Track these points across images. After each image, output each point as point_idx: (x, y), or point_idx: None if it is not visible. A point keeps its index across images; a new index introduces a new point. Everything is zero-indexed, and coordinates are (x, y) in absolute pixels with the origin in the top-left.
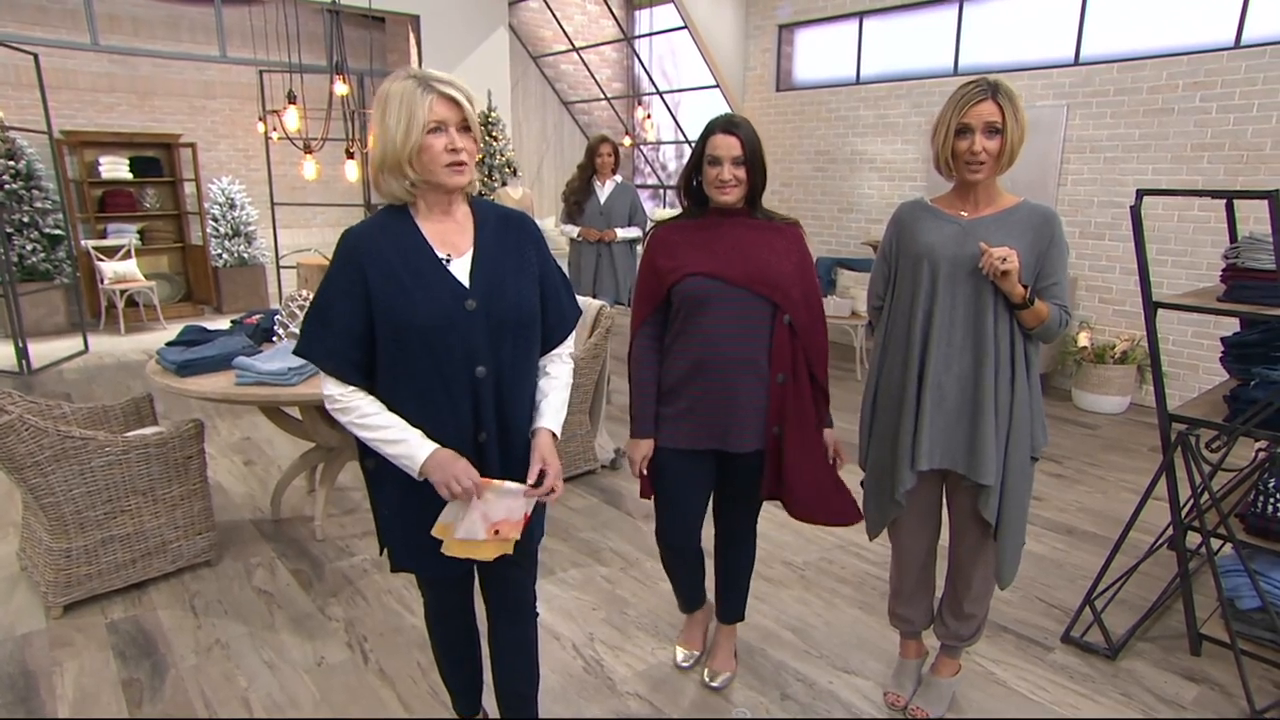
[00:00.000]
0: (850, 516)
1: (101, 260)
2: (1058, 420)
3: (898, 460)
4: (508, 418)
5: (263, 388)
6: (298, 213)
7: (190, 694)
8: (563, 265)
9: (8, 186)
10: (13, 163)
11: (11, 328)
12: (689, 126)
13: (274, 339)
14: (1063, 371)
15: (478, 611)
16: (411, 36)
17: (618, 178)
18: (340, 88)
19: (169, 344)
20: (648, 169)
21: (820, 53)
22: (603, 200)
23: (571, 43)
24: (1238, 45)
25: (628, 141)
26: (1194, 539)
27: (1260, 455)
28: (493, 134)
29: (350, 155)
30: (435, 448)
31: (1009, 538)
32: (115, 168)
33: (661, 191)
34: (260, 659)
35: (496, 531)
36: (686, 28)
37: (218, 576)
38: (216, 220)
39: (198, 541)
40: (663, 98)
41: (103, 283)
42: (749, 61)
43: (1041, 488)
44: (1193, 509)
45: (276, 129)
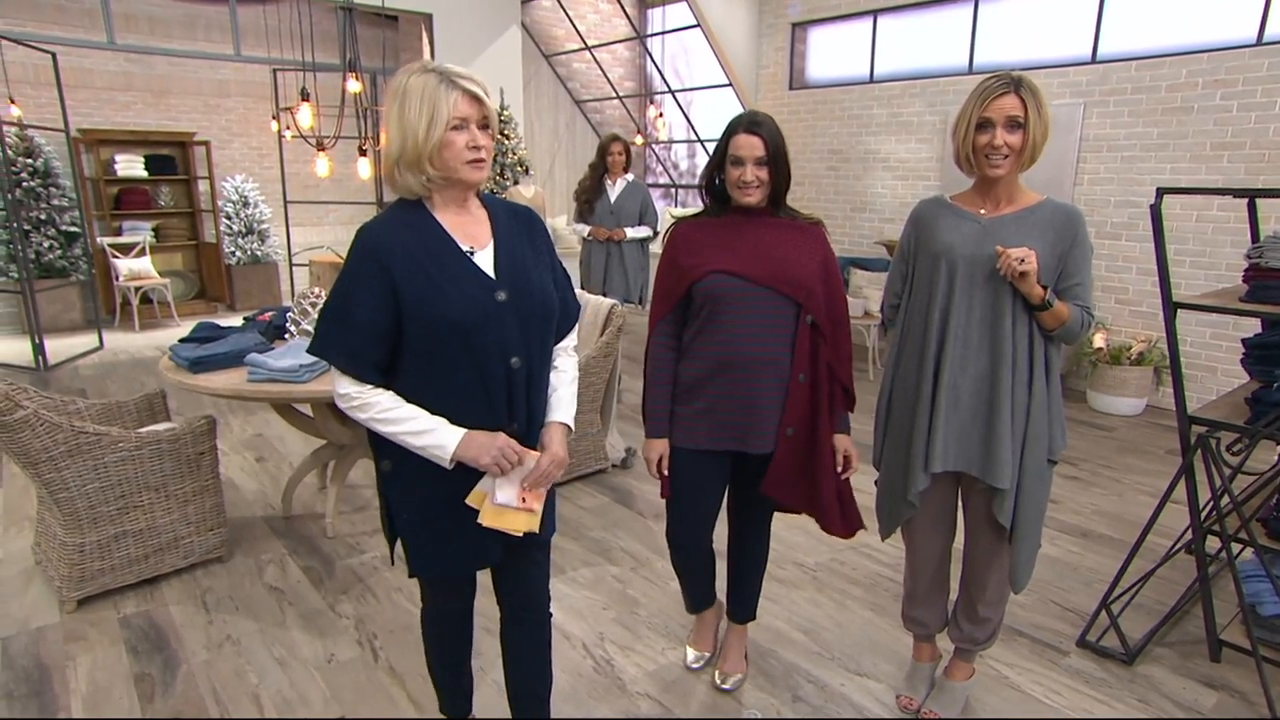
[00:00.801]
0: (837, 528)
1: (117, 257)
2: (1072, 422)
3: (911, 461)
4: (535, 407)
5: (274, 384)
6: (311, 210)
7: (201, 690)
8: (574, 264)
9: (26, 184)
10: (31, 160)
11: (28, 324)
12: (701, 125)
13: (286, 336)
14: (1078, 372)
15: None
16: (424, 35)
17: (629, 176)
18: (353, 85)
19: (182, 340)
20: (660, 168)
21: (834, 51)
22: (614, 199)
23: (584, 41)
24: (1260, 42)
25: (640, 140)
26: (1214, 543)
27: None
28: (505, 132)
29: (363, 153)
30: (465, 431)
31: (1024, 541)
32: (131, 166)
33: (674, 191)
34: (271, 655)
35: (523, 500)
36: (699, 26)
37: (229, 573)
38: (230, 218)
39: (209, 537)
40: (675, 97)
41: (118, 280)
42: (762, 60)
43: (1056, 490)
44: (1212, 512)
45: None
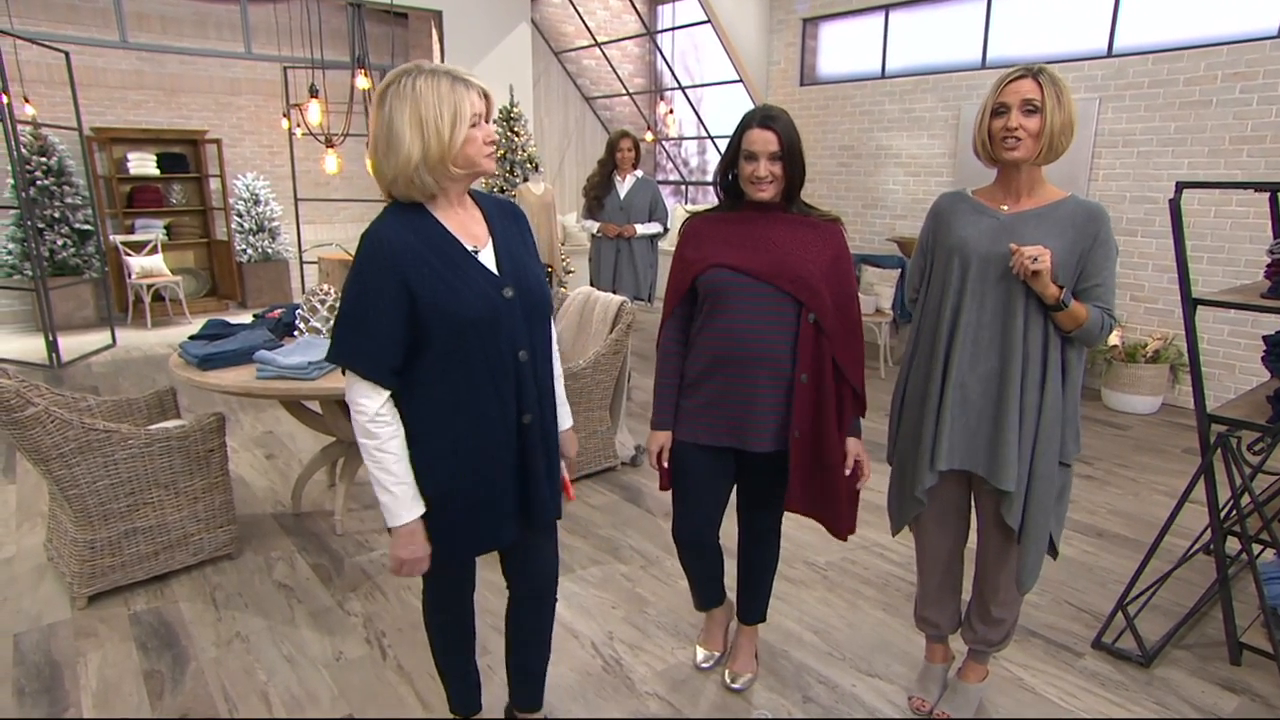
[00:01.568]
0: (837, 530)
1: (129, 255)
2: (1086, 420)
3: (919, 458)
4: (544, 398)
5: (283, 381)
6: (321, 208)
7: (210, 686)
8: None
9: (40, 183)
10: (45, 159)
11: (42, 322)
12: (712, 122)
13: (295, 333)
14: (1092, 371)
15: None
16: (434, 32)
17: (638, 173)
18: (361, 82)
19: (191, 338)
20: (670, 165)
21: (845, 46)
22: (623, 195)
23: (594, 38)
24: None
25: (649, 137)
26: (1233, 544)
27: None
28: (515, 129)
29: None
30: (417, 519)
31: (1032, 543)
32: (143, 164)
33: (684, 187)
34: (280, 653)
35: None
36: (709, 22)
37: (238, 570)
38: (241, 216)
39: (219, 535)
40: (685, 93)
41: (130, 277)
42: (772, 55)
43: (1071, 490)
44: (1232, 512)
45: (300, 125)
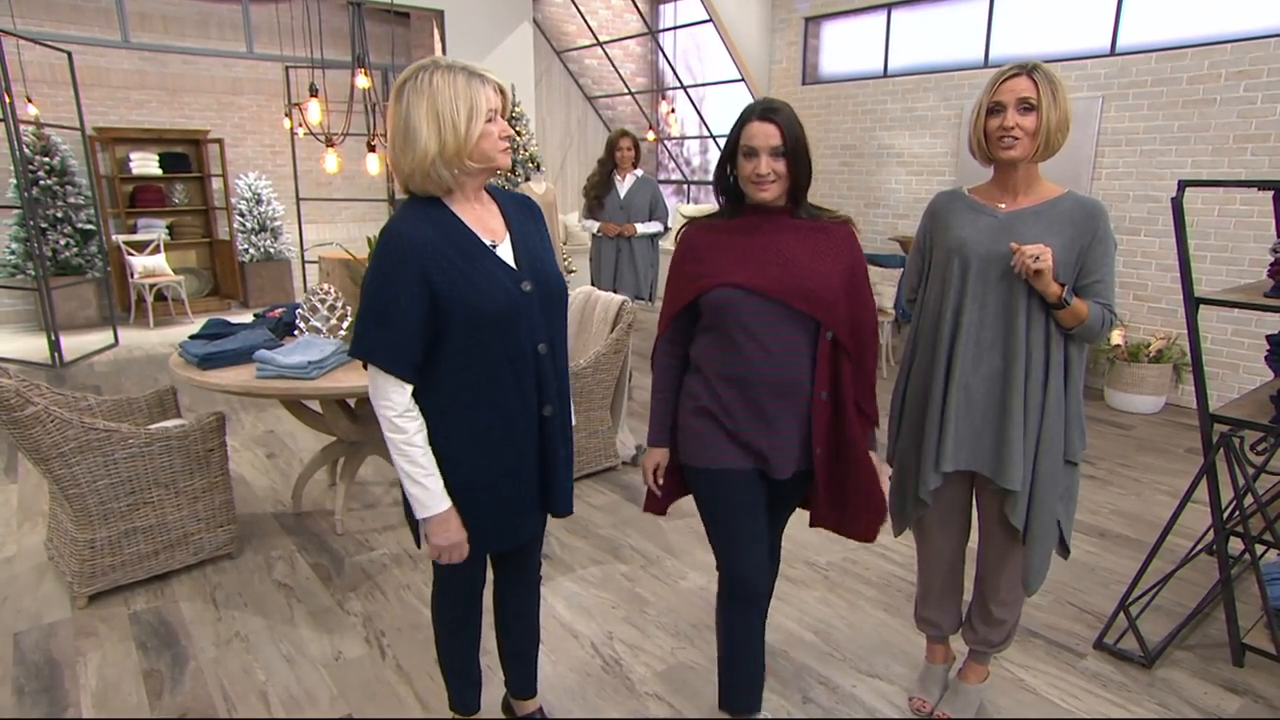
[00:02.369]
0: (863, 534)
1: (131, 255)
2: (1089, 420)
3: (923, 459)
4: (563, 391)
5: (282, 381)
6: (323, 208)
7: (209, 686)
8: (584, 261)
9: (43, 182)
10: (47, 159)
11: (44, 321)
12: (714, 121)
13: (295, 333)
14: (1095, 370)
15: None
16: (436, 31)
17: (638, 172)
18: (361, 81)
19: (192, 337)
20: (672, 164)
21: (847, 45)
22: (623, 195)
23: (596, 37)
24: None
25: (651, 136)
26: (1236, 545)
27: None
28: (517, 129)
29: (372, 149)
30: (449, 507)
31: (1038, 543)
32: (145, 163)
33: (686, 187)
34: (279, 652)
35: None
36: (711, 21)
37: (238, 569)
38: (243, 215)
39: (219, 534)
40: (687, 92)
41: (133, 277)
42: (774, 55)
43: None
44: (1235, 513)
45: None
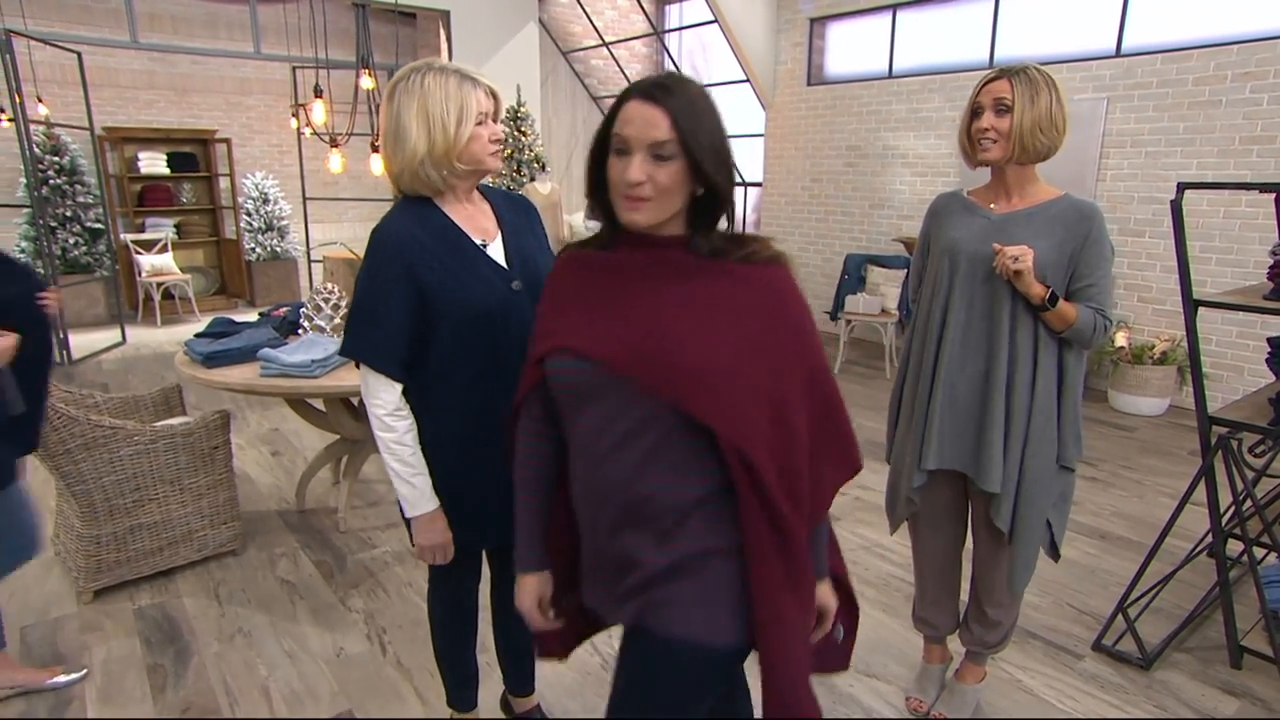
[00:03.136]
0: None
1: (139, 254)
2: (1092, 422)
3: (910, 457)
4: None
5: (286, 379)
6: (330, 207)
7: (212, 681)
8: None
9: (52, 182)
10: (57, 158)
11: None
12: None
13: (299, 331)
14: (1099, 372)
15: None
16: (442, 32)
17: None
18: (366, 82)
19: (197, 335)
20: None
21: (852, 46)
22: None
23: (601, 38)
24: None
25: None
26: (1235, 547)
27: None
28: (522, 129)
29: (376, 149)
30: (436, 508)
31: (1023, 545)
32: (153, 163)
33: None
34: (281, 648)
35: None
36: (717, 22)
37: (242, 566)
38: (250, 214)
39: (223, 531)
40: None
41: (140, 276)
42: (780, 55)
43: (1075, 491)
44: (1234, 515)
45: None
